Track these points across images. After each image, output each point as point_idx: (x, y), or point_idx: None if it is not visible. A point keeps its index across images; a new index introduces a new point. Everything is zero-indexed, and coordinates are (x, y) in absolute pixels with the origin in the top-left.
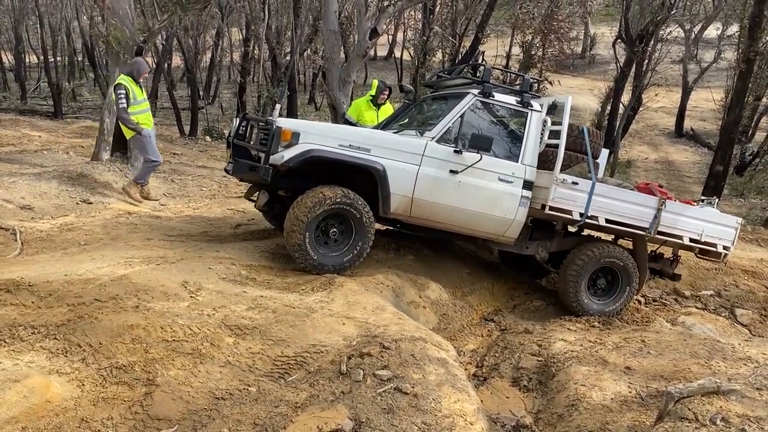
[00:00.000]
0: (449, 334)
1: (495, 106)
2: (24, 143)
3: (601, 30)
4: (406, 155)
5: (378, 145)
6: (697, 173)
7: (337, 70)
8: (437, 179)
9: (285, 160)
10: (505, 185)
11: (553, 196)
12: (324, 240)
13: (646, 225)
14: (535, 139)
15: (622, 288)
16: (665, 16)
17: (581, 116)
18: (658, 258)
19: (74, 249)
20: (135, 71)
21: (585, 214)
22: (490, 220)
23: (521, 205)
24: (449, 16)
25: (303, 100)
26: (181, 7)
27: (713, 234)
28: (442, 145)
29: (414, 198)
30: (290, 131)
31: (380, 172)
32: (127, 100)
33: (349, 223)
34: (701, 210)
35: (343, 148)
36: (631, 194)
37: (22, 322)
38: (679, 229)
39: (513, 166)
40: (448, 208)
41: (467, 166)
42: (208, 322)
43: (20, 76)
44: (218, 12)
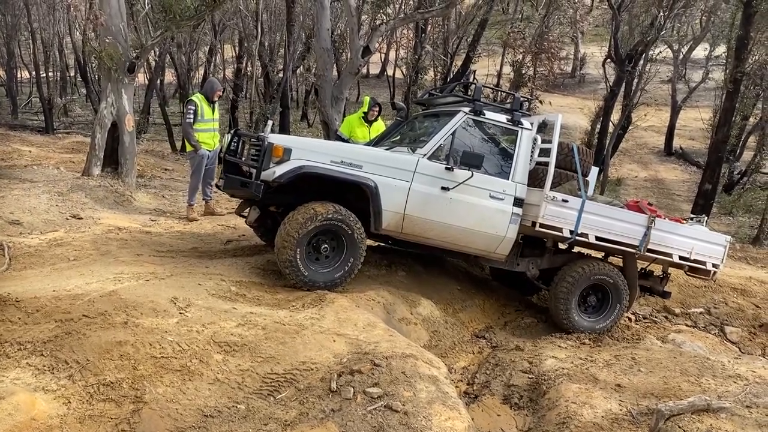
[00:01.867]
0: (440, 351)
1: (486, 124)
2: (14, 158)
3: (591, 50)
4: (398, 172)
5: (370, 161)
6: (686, 191)
7: (330, 87)
8: (429, 196)
9: (276, 176)
10: (496, 202)
11: (544, 213)
12: (315, 256)
13: (636, 242)
14: (526, 156)
15: (612, 305)
16: (654, 37)
17: (571, 135)
18: (648, 275)
19: (63, 264)
20: (208, 90)
21: (575, 231)
22: (481, 236)
23: (512, 222)
24: (441, 35)
25: (296, 116)
26: (175, 23)
27: (702, 252)
28: (433, 162)
29: (406, 214)
30: (282, 147)
31: (372, 189)
32: (194, 116)
33: (341, 239)
34: (691, 228)
35: (334, 164)
36: (621, 212)
37: (8, 339)
38: (669, 247)
39: (504, 183)
40: (439, 225)
41: (458, 182)
42: (197, 339)
43: (11, 91)
44: (211, 29)
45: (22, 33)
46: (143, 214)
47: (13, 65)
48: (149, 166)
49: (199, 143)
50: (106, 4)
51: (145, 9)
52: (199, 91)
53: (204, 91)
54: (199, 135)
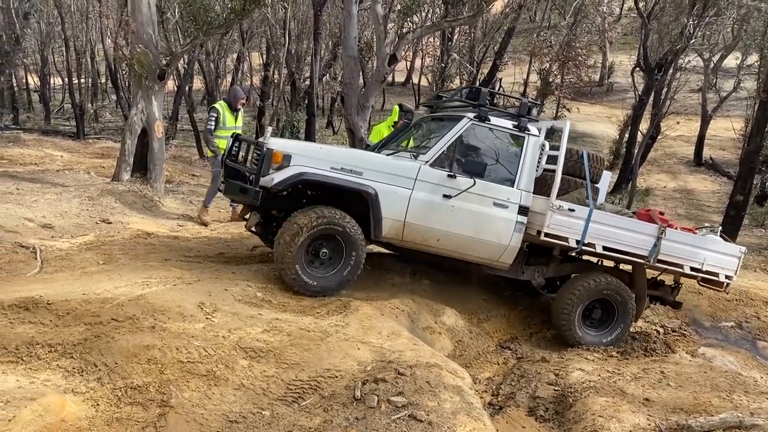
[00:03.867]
0: (465, 361)
1: (491, 130)
2: (46, 163)
3: (619, 58)
4: (399, 179)
5: (370, 168)
6: (716, 203)
7: (356, 95)
8: (430, 204)
9: (275, 183)
10: (499, 210)
11: (549, 222)
12: (315, 261)
13: (645, 253)
14: (532, 163)
15: (618, 320)
16: (684, 46)
17: (599, 144)
18: (658, 285)
19: (93, 268)
20: (231, 98)
21: (581, 241)
22: (483, 245)
23: (516, 231)
24: (467, 43)
25: (321, 124)
26: (204, 32)
27: (715, 263)
28: (436, 169)
29: (406, 222)
30: (281, 153)
31: (372, 196)
32: (216, 123)
33: (340, 243)
34: (703, 238)
35: (334, 170)
36: (630, 222)
37: (40, 341)
38: (680, 258)
39: (508, 191)
40: (441, 233)
41: (461, 191)
42: (223, 344)
43: (45, 97)
44: (239, 37)
45: (55, 41)
46: (171, 219)
47: (46, 72)
48: (177, 172)
49: (219, 149)
50: (138, 12)
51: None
52: (223, 99)
53: (227, 98)
54: (220, 141)
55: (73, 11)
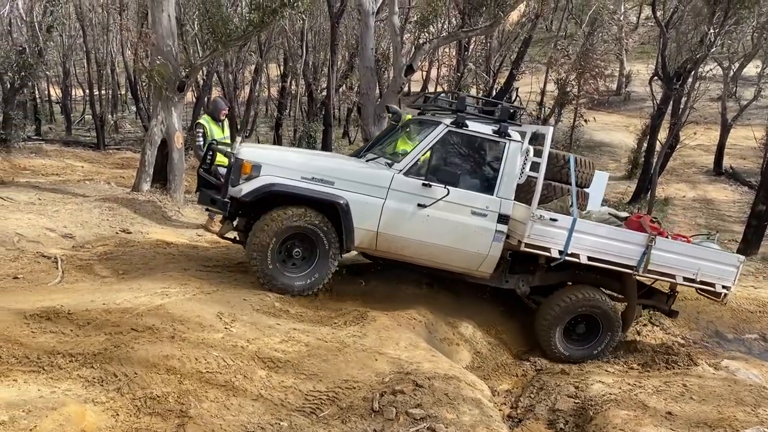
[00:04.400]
0: (483, 373)
1: (469, 136)
2: (67, 173)
3: (637, 67)
4: (372, 188)
5: (342, 177)
6: (737, 212)
7: (372, 105)
8: (404, 213)
9: (243, 194)
10: (478, 219)
11: (530, 233)
12: (288, 261)
13: (634, 263)
14: (512, 170)
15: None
16: (704, 54)
17: (617, 153)
18: (651, 293)
19: (113, 278)
20: (214, 110)
21: (564, 252)
22: (461, 254)
23: (495, 240)
24: (484, 53)
25: (337, 134)
26: (222, 44)
27: (710, 273)
28: (410, 177)
29: (379, 232)
30: (250, 164)
31: (343, 207)
32: (204, 138)
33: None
34: (698, 248)
35: (305, 181)
36: (617, 231)
37: (61, 350)
38: (672, 268)
39: (487, 199)
40: (415, 243)
41: (435, 200)
42: (242, 354)
43: (66, 109)
44: (257, 48)
45: (77, 53)
46: (190, 229)
47: (68, 84)
48: (196, 183)
49: None
50: (158, 25)
51: (195, 29)
52: (205, 113)
53: (210, 111)
54: None
55: (94, 24)
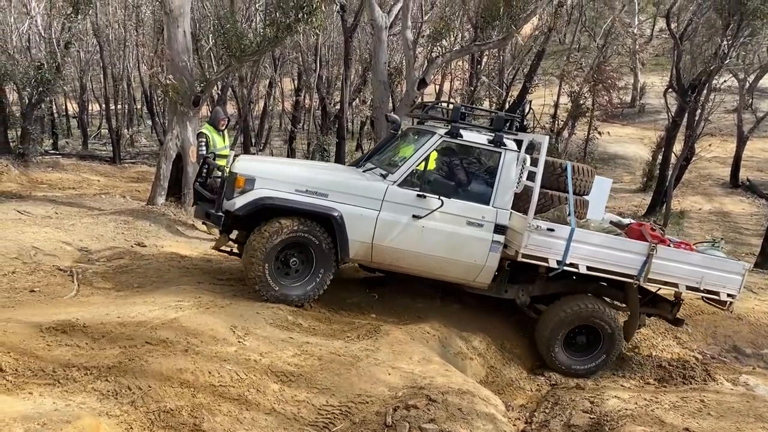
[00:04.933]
0: (497, 387)
1: (463, 146)
2: (84, 187)
3: (651, 79)
4: (366, 200)
5: (336, 190)
6: (754, 225)
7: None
8: (399, 225)
9: (237, 208)
10: (473, 229)
11: (527, 243)
12: (285, 271)
13: (634, 272)
14: (508, 179)
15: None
16: (718, 66)
17: (631, 165)
18: (655, 302)
19: (128, 291)
20: (214, 119)
21: (563, 262)
22: (457, 265)
23: (492, 251)
24: (497, 66)
25: (350, 147)
26: (237, 59)
27: (715, 281)
28: (405, 188)
29: (374, 244)
30: (244, 177)
31: (337, 219)
32: (206, 147)
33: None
34: (701, 256)
35: (299, 193)
36: (617, 240)
37: (76, 363)
38: (674, 277)
39: (483, 209)
40: (411, 254)
41: (430, 211)
42: (255, 368)
43: (83, 123)
44: (271, 63)
45: (94, 68)
46: (204, 242)
47: (85, 99)
48: None
49: None
50: (174, 40)
51: (210, 45)
52: (207, 122)
53: (211, 121)
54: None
55: (111, 40)
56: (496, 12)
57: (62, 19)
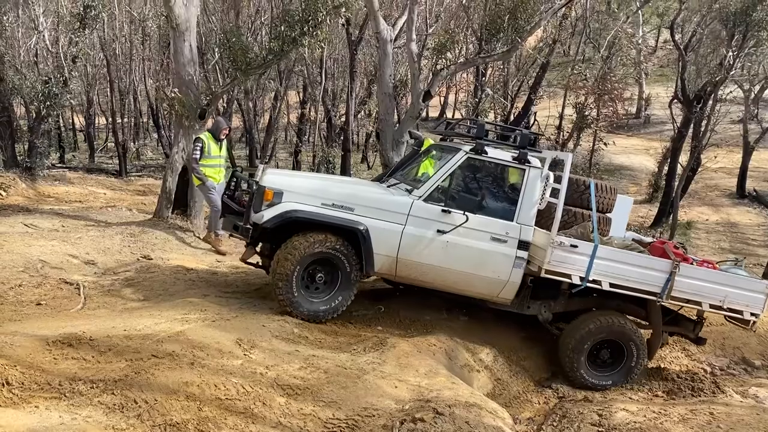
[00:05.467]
0: (504, 400)
1: (488, 162)
2: (90, 200)
3: (656, 90)
4: (391, 215)
5: (362, 204)
6: (761, 236)
7: (391, 130)
8: (424, 239)
9: (265, 221)
10: (497, 245)
11: (550, 259)
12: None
13: (657, 290)
14: (532, 196)
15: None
16: (723, 77)
17: (637, 176)
18: (678, 320)
19: (134, 304)
20: (215, 129)
21: (586, 278)
22: (481, 280)
23: (516, 267)
24: (501, 78)
25: (356, 159)
26: (242, 72)
27: (738, 300)
28: (430, 204)
29: (399, 258)
30: (272, 191)
31: (362, 233)
32: (201, 152)
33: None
34: (723, 274)
35: (325, 207)
36: (640, 257)
37: (82, 376)
38: (697, 295)
39: (507, 225)
40: (435, 269)
41: (455, 226)
42: (261, 381)
43: (90, 137)
44: (277, 76)
45: (100, 83)
46: (210, 255)
47: (91, 112)
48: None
49: (207, 177)
50: (180, 54)
51: (215, 58)
52: (207, 130)
53: (211, 129)
54: (206, 170)
55: (118, 54)
56: (500, 24)
57: (69, 34)
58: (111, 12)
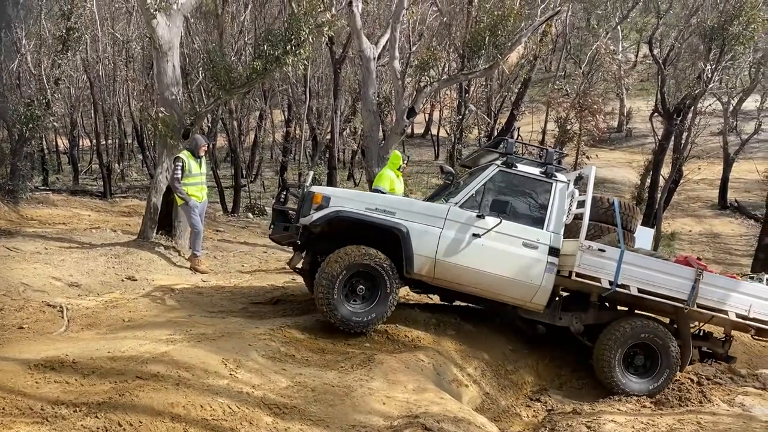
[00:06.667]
0: (493, 414)
1: (518, 176)
2: (74, 222)
3: (637, 104)
4: (430, 218)
5: (402, 208)
6: (744, 246)
7: (376, 147)
8: (460, 242)
9: (314, 220)
10: (529, 250)
11: (580, 262)
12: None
13: (684, 297)
14: (560, 207)
15: (661, 367)
16: (702, 90)
17: (620, 189)
18: (706, 337)
19: (118, 325)
20: (194, 146)
21: (615, 282)
22: (514, 284)
23: (547, 271)
24: (484, 94)
25: (342, 176)
26: (226, 91)
27: (763, 310)
28: (465, 210)
29: (437, 259)
30: (321, 195)
31: (403, 234)
32: (182, 171)
33: (375, 280)
34: (748, 284)
35: (369, 210)
36: (665, 264)
37: (65, 400)
38: (722, 303)
39: (538, 232)
40: (471, 271)
41: (488, 229)
42: (247, 401)
43: (74, 159)
44: (261, 95)
45: (84, 104)
46: (195, 275)
47: (75, 134)
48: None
49: (189, 197)
50: (163, 74)
51: (199, 78)
52: (185, 148)
53: (190, 147)
54: (188, 188)
55: (101, 76)
56: (481, 42)
57: (52, 56)
58: (94, 34)
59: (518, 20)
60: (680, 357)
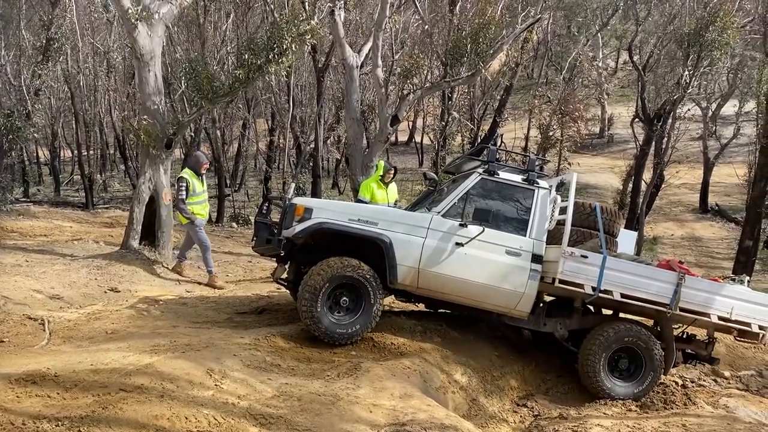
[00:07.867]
0: (480, 420)
1: (500, 183)
2: (56, 234)
3: (618, 110)
4: (412, 228)
5: (385, 219)
6: (725, 249)
7: (360, 155)
8: (443, 251)
9: (296, 232)
10: (512, 258)
11: (562, 269)
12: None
13: (666, 301)
14: (542, 214)
15: (645, 370)
16: (681, 96)
17: (603, 195)
18: (689, 340)
19: (101, 338)
20: (195, 164)
21: (597, 287)
22: (498, 292)
23: (531, 279)
24: (467, 101)
25: (327, 185)
26: (209, 100)
27: (745, 312)
28: (447, 219)
29: (420, 269)
30: (303, 207)
31: (386, 244)
32: (186, 192)
33: (359, 291)
34: (729, 287)
35: (351, 221)
36: (648, 268)
37: (47, 414)
38: (705, 306)
39: (520, 239)
40: (455, 280)
41: (471, 237)
42: (233, 412)
43: (55, 170)
44: (244, 104)
45: (65, 115)
46: (179, 285)
47: (56, 145)
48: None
49: (194, 215)
50: (145, 84)
51: (182, 88)
52: (188, 167)
53: (191, 165)
54: (193, 207)
55: (82, 86)
56: (463, 49)
57: (32, 67)
58: (74, 44)
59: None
60: (664, 360)
